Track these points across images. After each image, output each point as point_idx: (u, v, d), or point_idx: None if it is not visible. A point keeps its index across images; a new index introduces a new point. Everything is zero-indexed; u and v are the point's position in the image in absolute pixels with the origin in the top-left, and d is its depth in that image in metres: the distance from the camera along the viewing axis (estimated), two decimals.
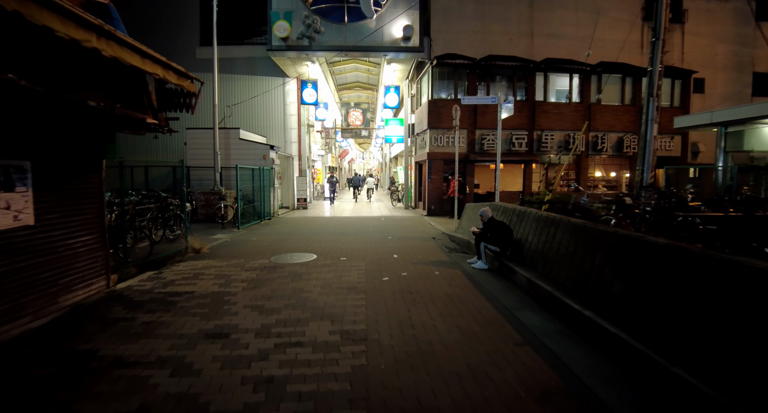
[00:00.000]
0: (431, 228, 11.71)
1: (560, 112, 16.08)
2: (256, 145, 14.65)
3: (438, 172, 15.18)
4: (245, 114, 17.61)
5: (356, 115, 20.54)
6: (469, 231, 9.44)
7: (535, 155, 15.91)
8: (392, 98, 16.81)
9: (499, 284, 5.79)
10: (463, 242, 8.83)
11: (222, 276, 6.05)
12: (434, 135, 15.11)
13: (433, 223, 12.76)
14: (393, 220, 13.63)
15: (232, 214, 12.41)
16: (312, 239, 9.37)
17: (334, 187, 19.26)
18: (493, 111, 15.36)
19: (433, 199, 15.23)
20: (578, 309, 4.15)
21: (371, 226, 11.88)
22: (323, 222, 12.85)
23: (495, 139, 15.19)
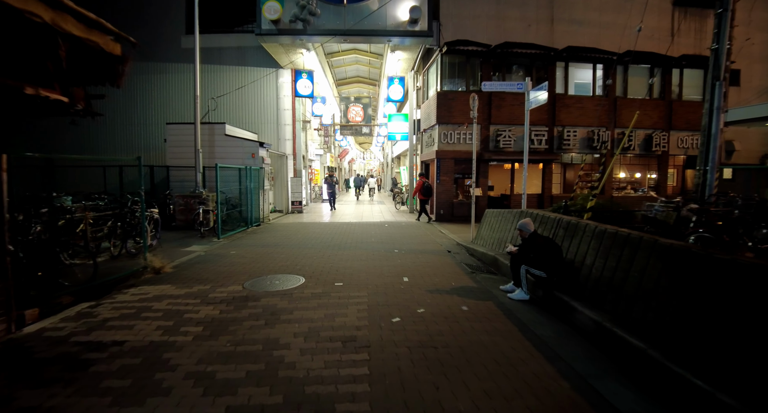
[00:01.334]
0: (443, 238, 10.10)
1: (583, 107, 14.48)
2: (243, 142, 13.05)
3: (448, 172, 13.57)
4: (234, 108, 16.01)
5: (356, 111, 18.94)
6: (490, 243, 7.84)
7: (555, 154, 14.30)
8: (396, 90, 15.20)
9: (553, 327, 4.18)
10: (488, 259, 7.22)
11: (173, 315, 4.43)
12: (443, 131, 13.50)
13: (445, 231, 11.15)
14: (398, 227, 12.02)
15: (214, 221, 10.82)
16: (302, 253, 7.76)
17: (333, 189, 17.41)
18: (509, 104, 13.79)
19: (443, 202, 13.62)
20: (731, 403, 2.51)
21: (374, 235, 10.27)
22: (319, 230, 11.24)
23: (512, 135, 13.63)
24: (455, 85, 14.06)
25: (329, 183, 17.59)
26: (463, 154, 13.58)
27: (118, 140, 16.57)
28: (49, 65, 3.18)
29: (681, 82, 15.48)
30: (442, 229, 11.52)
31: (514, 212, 7.49)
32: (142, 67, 16.33)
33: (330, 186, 17.51)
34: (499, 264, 6.75)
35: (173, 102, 16.07)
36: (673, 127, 15.24)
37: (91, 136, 16.48)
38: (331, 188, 17.43)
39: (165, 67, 16.19)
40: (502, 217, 7.97)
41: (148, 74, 16.37)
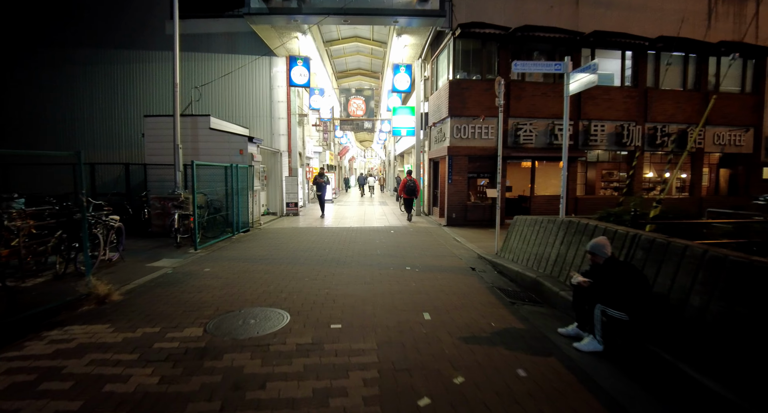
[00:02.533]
0: (461, 249, 8.61)
1: (611, 98, 12.97)
2: (231, 137, 11.55)
3: (461, 171, 12.07)
4: (222, 100, 14.50)
5: (358, 104, 17.44)
6: (524, 258, 6.35)
7: (580, 151, 12.80)
8: (402, 80, 13.69)
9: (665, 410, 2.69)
10: (527, 282, 5.73)
11: (88, 387, 2.95)
12: (456, 125, 11.99)
13: (461, 240, 9.65)
14: (406, 233, 10.52)
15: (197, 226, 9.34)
16: (292, 272, 6.26)
17: (323, 191, 14.26)
18: (530, 94, 12.28)
19: (455, 205, 12.12)
20: None
21: (379, 244, 8.78)
22: (315, 238, 9.74)
23: (533, 129, 12.13)
24: (469, 73, 12.55)
25: (319, 184, 14.37)
26: (478, 150, 12.09)
27: (97, 137, 15.07)
28: None
29: (718, 71, 13.95)
30: (457, 237, 10.03)
31: (558, 221, 6.00)
32: (123, 56, 14.84)
33: (320, 188, 14.36)
34: (542, 290, 5.27)
35: (157, 94, 14.57)
36: (709, 121, 13.72)
37: (68, 132, 14.99)
38: (321, 190, 14.34)
39: (148, 55, 14.68)
40: (539, 227, 6.47)
41: (129, 63, 14.87)
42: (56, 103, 14.95)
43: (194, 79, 14.11)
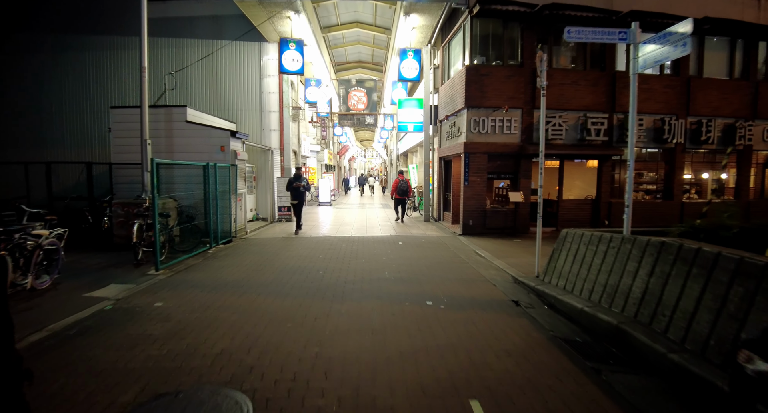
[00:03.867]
0: (487, 266, 6.96)
1: (649, 89, 11.30)
2: (210, 131, 9.88)
3: (479, 171, 10.40)
4: (206, 91, 12.84)
5: (358, 97, 15.78)
6: (585, 289, 4.68)
7: (615, 148, 11.13)
8: (410, 67, 12.01)
9: None
10: (601, 327, 4.05)
11: None
12: (474, 117, 10.32)
13: (484, 253, 7.98)
14: (417, 246, 8.85)
15: (165, 238, 7.67)
16: (270, 312, 4.58)
17: (301, 198, 10.81)
18: (558, 83, 10.62)
19: (472, 210, 10.45)
20: None
21: (387, 262, 7.11)
22: (307, 252, 8.06)
23: (563, 123, 10.47)
24: (488, 59, 10.89)
25: (295, 189, 10.56)
26: (499, 146, 10.42)
27: (67, 132, 13.38)
28: None
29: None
30: (479, 250, 8.36)
31: (641, 242, 4.31)
32: (95, 42, 13.16)
33: (296, 195, 10.62)
34: (630, 343, 3.61)
35: (133, 84, 12.85)
36: (759, 115, 12.07)
37: (33, 127, 13.30)
38: (298, 198, 10.66)
39: (123, 42, 12.98)
40: (607, 247, 4.80)
41: (102, 50, 13.20)
42: (21, 94, 13.26)
43: (176, 67, 12.45)
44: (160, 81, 11.32)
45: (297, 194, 10.71)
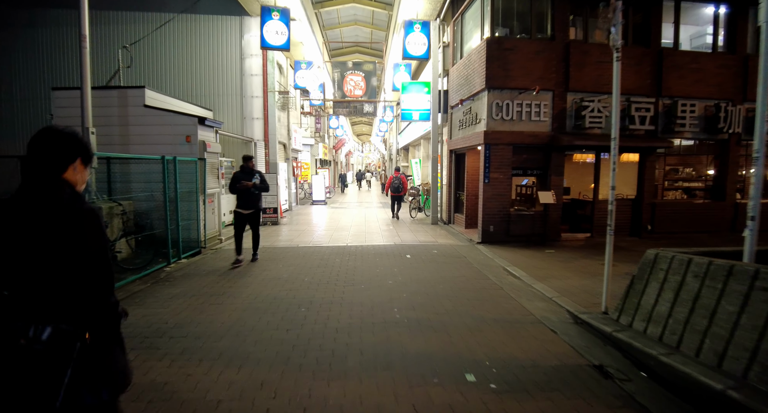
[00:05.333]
0: (529, 294, 5.20)
1: (701, 68, 9.51)
2: (174, 118, 8.05)
3: (502, 166, 8.61)
4: (177, 73, 10.96)
5: (356, 81, 13.91)
6: (692, 337, 2.85)
7: (660, 139, 9.36)
8: (417, 42, 10.17)
9: None
10: None
11: None
12: (496, 100, 8.52)
13: (517, 271, 6.21)
14: (430, 260, 7.07)
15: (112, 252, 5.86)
16: (202, 408, 2.79)
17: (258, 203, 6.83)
18: (595, 60, 8.85)
19: (493, 213, 8.67)
20: None
21: (394, 289, 5.33)
22: (288, 273, 6.25)
23: (603, 109, 8.70)
24: (511, 32, 9.09)
25: (241, 189, 6.58)
26: (526, 137, 8.63)
27: None
28: None
29: None
30: (508, 266, 6.59)
31: None
32: (27, 16, 11.16)
33: (245, 198, 6.66)
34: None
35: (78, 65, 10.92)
36: None
37: None
38: (249, 203, 6.66)
39: (65, 15, 10.98)
40: (750, 287, 3.02)
41: (36, 28, 11.19)
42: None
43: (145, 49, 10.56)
44: (115, 55, 9.43)
45: (246, 198, 6.60)
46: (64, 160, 1.46)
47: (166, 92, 9.97)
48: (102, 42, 10.57)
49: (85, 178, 1.59)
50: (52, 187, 1.41)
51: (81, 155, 1.52)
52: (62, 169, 1.46)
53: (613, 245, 4.68)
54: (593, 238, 9.31)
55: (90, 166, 1.61)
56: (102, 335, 1.43)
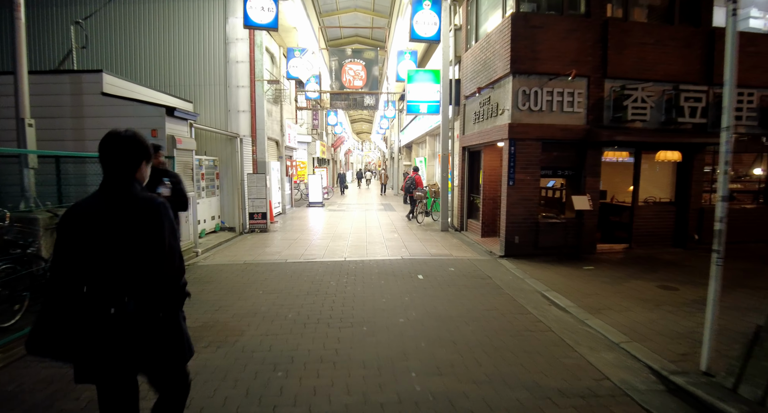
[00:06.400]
0: (584, 335, 3.90)
1: (758, 52, 8.16)
2: (137, 108, 6.70)
3: (530, 165, 7.27)
4: (151, 60, 9.60)
5: (355, 71, 12.53)
6: None
7: (712, 134, 8.00)
8: (426, 21, 8.82)
9: None
10: None
11: None
12: (523, 87, 7.17)
13: (558, 298, 4.88)
14: (448, 283, 5.73)
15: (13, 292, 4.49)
16: None
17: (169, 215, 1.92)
18: (637, 42, 7.55)
19: (519, 221, 7.33)
20: None
21: (406, 334, 4.01)
22: (269, 304, 4.89)
23: (646, 98, 7.36)
24: (538, 7, 7.75)
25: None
26: (557, 131, 7.30)
27: None
28: None
29: None
30: (545, 289, 5.26)
31: None
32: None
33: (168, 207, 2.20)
34: None
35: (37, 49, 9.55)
36: None
37: None
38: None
39: None
40: None
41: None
42: None
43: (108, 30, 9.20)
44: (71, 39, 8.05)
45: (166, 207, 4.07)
46: (135, 163, 1.71)
47: (137, 81, 8.63)
48: (55, 20, 9.18)
49: (146, 174, 1.81)
50: (129, 186, 1.67)
51: (146, 157, 1.76)
52: (134, 169, 1.71)
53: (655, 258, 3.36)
54: (632, 250, 7.99)
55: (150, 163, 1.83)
56: (175, 310, 1.73)
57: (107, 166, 1.66)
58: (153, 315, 1.64)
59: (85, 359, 1.60)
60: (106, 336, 1.58)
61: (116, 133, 1.68)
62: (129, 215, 1.61)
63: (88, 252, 1.60)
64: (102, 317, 1.58)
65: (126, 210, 1.62)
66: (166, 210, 1.67)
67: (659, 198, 8.78)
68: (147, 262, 1.62)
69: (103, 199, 1.64)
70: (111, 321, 1.58)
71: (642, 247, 8.05)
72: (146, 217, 1.63)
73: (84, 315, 1.59)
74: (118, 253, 1.60)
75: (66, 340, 1.59)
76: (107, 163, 1.66)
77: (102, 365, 1.60)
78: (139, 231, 1.61)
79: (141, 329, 1.61)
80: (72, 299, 1.60)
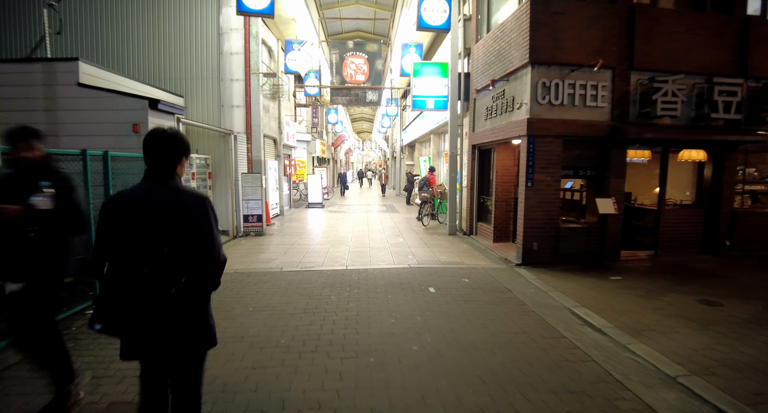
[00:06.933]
0: (635, 369, 3.27)
1: None
2: (117, 101, 6.06)
3: (550, 164, 6.62)
4: (140, 54, 8.96)
5: (357, 64, 11.86)
6: None
7: (746, 131, 7.36)
8: (435, 8, 8.16)
9: None
10: None
11: None
12: (543, 79, 6.52)
13: (590, 316, 4.25)
14: (463, 297, 5.08)
15: None
16: None
17: (30, 257, 2.44)
18: (667, 31, 6.90)
19: (538, 226, 6.68)
20: None
21: (420, 365, 3.36)
22: (257, 327, 4.24)
23: (677, 92, 6.72)
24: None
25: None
26: (580, 127, 6.65)
27: None
28: None
29: None
30: (575, 306, 4.62)
31: None
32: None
33: None
34: None
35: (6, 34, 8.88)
36: None
37: None
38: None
39: None
40: None
41: None
42: None
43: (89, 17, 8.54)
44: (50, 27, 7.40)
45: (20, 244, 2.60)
46: (176, 158, 1.89)
47: (123, 73, 7.99)
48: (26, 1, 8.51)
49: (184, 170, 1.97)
50: (172, 179, 1.86)
51: (185, 153, 1.94)
52: (175, 164, 1.89)
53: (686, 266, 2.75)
54: (658, 257, 7.35)
55: None
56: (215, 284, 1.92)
57: (152, 161, 1.84)
58: (204, 294, 1.87)
59: (139, 335, 1.77)
60: (165, 313, 1.76)
61: (160, 131, 1.86)
62: (179, 206, 1.80)
63: (139, 238, 1.75)
64: (164, 296, 1.75)
65: (175, 201, 1.80)
66: (207, 201, 1.87)
67: (680, 200, 8.16)
68: (198, 248, 1.81)
69: (151, 191, 1.81)
70: (171, 299, 1.76)
71: (668, 254, 7.41)
72: (195, 208, 1.81)
73: (145, 295, 1.74)
74: (173, 239, 1.77)
75: (121, 318, 1.75)
76: (152, 158, 1.84)
77: (156, 340, 1.77)
78: (189, 220, 1.80)
79: (191, 308, 1.82)
80: (129, 282, 1.75)
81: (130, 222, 1.74)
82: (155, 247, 1.75)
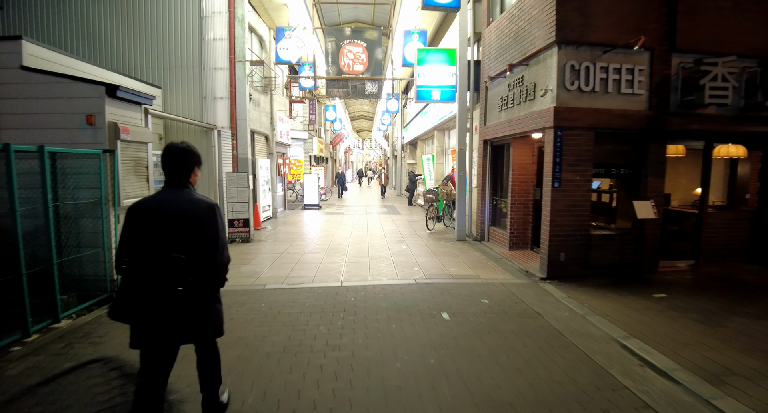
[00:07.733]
0: None
1: None
2: (69, 87, 5.11)
3: (580, 161, 5.67)
4: (113, 41, 8.02)
5: (355, 53, 10.84)
6: None
7: None
8: None
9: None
10: None
11: None
12: (572, 61, 5.56)
13: (647, 354, 3.30)
14: (485, 327, 4.14)
15: None
16: None
17: None
18: (713, 6, 5.88)
19: (566, 234, 5.72)
20: None
21: None
22: (224, 370, 3.34)
23: (728, 76, 5.77)
24: None
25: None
26: (613, 118, 5.70)
27: None
28: None
29: None
30: (625, 338, 3.68)
31: None
32: None
33: None
34: None
35: None
36: None
37: None
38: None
39: None
40: None
41: None
42: None
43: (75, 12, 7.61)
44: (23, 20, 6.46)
45: None
46: (188, 169, 2.17)
47: (96, 62, 7.06)
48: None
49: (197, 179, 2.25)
50: (185, 187, 2.14)
51: (197, 163, 2.23)
52: (188, 174, 2.17)
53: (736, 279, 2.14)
54: (700, 267, 6.41)
55: None
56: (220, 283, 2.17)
57: (167, 172, 2.15)
58: (208, 293, 2.11)
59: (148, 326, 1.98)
60: (171, 308, 1.98)
61: (173, 145, 2.15)
62: (190, 212, 2.05)
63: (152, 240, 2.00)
64: (171, 293, 1.97)
65: (187, 207, 2.06)
66: (215, 208, 2.12)
67: (712, 201, 7.21)
68: (204, 250, 2.04)
69: (167, 198, 2.09)
70: (178, 296, 1.98)
71: (711, 264, 6.47)
72: (203, 214, 2.06)
73: (155, 291, 1.97)
74: (184, 242, 2.01)
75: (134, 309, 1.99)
76: (167, 169, 2.15)
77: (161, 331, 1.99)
78: (197, 225, 2.03)
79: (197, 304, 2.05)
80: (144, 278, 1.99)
81: (147, 225, 2.00)
82: (166, 248, 1.97)
